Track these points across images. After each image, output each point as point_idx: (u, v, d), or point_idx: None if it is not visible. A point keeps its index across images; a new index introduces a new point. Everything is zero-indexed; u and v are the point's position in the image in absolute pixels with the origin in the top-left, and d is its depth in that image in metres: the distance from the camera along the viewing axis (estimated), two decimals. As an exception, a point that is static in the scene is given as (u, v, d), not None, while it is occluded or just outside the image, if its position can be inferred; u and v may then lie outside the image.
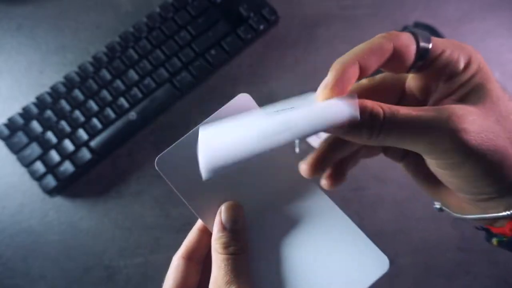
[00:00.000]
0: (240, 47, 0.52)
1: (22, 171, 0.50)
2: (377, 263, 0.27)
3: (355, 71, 0.20)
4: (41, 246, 0.50)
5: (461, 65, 0.21)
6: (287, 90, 0.53)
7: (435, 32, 0.51)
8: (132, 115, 0.50)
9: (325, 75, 0.21)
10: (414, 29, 0.21)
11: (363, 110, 0.20)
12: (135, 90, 0.51)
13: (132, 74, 0.51)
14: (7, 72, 0.55)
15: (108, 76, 0.51)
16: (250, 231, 0.28)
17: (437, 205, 0.26)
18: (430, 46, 0.21)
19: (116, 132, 0.50)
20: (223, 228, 0.26)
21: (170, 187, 0.40)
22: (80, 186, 0.51)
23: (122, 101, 0.50)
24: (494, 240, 0.23)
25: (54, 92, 0.51)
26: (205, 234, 0.29)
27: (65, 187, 0.50)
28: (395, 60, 0.21)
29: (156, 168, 0.26)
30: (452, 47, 0.21)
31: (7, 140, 0.49)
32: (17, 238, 0.50)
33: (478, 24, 0.55)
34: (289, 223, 0.28)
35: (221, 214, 0.27)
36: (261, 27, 0.53)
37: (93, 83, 0.51)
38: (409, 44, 0.21)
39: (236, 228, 0.27)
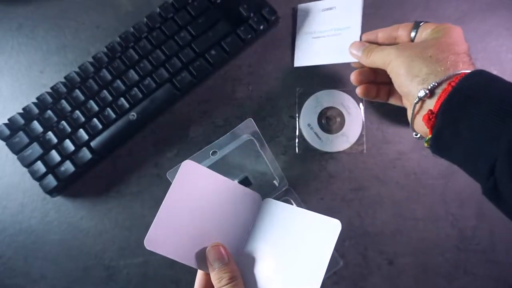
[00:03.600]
0: (240, 47, 0.52)
1: (22, 171, 0.50)
2: (330, 228, 0.32)
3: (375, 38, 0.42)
4: (42, 246, 0.50)
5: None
6: (286, 90, 0.53)
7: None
8: (132, 115, 0.50)
9: (325, 75, 0.24)
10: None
11: (363, 45, 0.41)
12: (135, 90, 0.51)
13: (132, 74, 0.51)
14: (7, 72, 0.55)
15: (108, 76, 0.51)
16: (239, 256, 0.35)
17: (415, 135, 0.38)
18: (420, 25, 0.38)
19: (116, 132, 0.50)
20: (213, 268, 0.33)
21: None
22: (81, 186, 0.51)
23: (122, 101, 0.50)
24: (425, 143, 0.33)
25: (55, 92, 0.51)
26: None
27: (66, 187, 0.50)
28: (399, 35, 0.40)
29: (148, 248, 0.31)
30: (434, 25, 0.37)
31: (8, 140, 0.49)
32: (17, 238, 0.50)
33: (478, 24, 0.55)
34: (261, 237, 0.35)
35: (207, 257, 0.34)
36: (261, 27, 0.53)
37: (94, 83, 0.51)
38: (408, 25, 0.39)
39: (222, 263, 0.33)
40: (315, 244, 0.32)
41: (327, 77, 0.54)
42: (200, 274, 0.36)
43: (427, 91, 0.31)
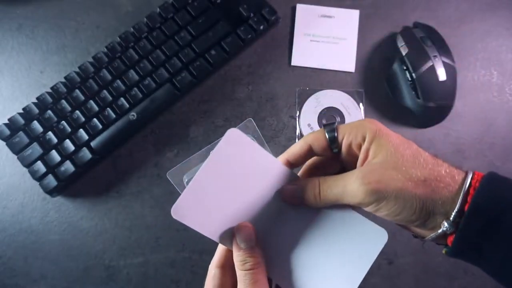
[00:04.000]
0: (240, 47, 0.52)
1: (22, 171, 0.50)
2: (376, 237, 0.30)
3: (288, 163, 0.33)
4: (42, 246, 0.50)
5: (359, 139, 0.29)
6: (286, 90, 0.53)
7: (435, 32, 0.51)
8: (132, 115, 0.50)
9: (324, 75, 0.23)
10: (325, 125, 0.31)
11: (304, 187, 0.31)
12: (135, 90, 0.51)
13: (132, 74, 0.51)
14: (7, 72, 0.55)
15: (108, 76, 0.51)
16: (266, 241, 0.32)
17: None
18: (335, 134, 0.30)
19: (116, 132, 0.50)
20: (239, 248, 0.31)
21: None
22: (81, 186, 0.51)
23: (122, 101, 0.50)
24: (444, 250, 0.29)
25: (55, 92, 0.51)
26: None
27: (66, 187, 0.50)
28: (315, 152, 0.31)
29: (174, 217, 0.29)
30: (350, 130, 0.30)
31: (8, 140, 0.49)
32: (17, 238, 0.50)
33: (478, 24, 0.55)
34: (296, 226, 0.32)
35: (235, 236, 0.31)
36: (261, 27, 0.53)
37: (94, 83, 0.51)
38: (320, 138, 0.31)
39: (250, 246, 0.31)
40: (354, 251, 0.30)
41: (327, 77, 0.54)
42: (221, 247, 0.34)
43: (435, 237, 0.28)
